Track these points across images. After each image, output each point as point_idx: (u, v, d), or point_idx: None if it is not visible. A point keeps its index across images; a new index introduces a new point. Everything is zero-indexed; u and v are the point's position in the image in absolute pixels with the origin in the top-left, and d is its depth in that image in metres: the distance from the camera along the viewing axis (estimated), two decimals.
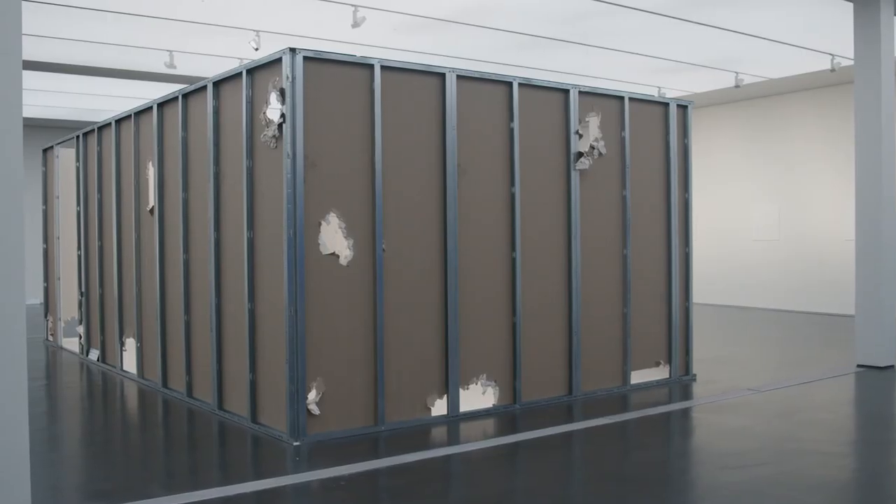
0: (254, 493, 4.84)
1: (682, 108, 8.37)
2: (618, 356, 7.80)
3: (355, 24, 9.44)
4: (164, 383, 7.95)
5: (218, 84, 6.88)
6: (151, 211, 8.21)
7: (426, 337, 6.56)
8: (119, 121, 9.03)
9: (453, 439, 6.14)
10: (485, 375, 6.90)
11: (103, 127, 9.55)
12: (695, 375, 8.40)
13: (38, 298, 15.71)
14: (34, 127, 17.57)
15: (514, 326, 7.04)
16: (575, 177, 7.45)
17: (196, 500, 4.70)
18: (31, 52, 11.35)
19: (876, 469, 5.41)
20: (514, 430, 6.37)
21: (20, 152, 3.74)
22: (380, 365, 6.26)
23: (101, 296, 9.70)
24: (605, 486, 4.98)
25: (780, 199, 15.37)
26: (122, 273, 9.05)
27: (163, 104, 7.92)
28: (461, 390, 6.73)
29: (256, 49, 10.39)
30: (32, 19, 9.67)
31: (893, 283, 8.93)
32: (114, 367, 9.31)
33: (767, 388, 7.89)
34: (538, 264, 7.23)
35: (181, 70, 12.39)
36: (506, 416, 6.79)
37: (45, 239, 11.85)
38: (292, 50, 5.87)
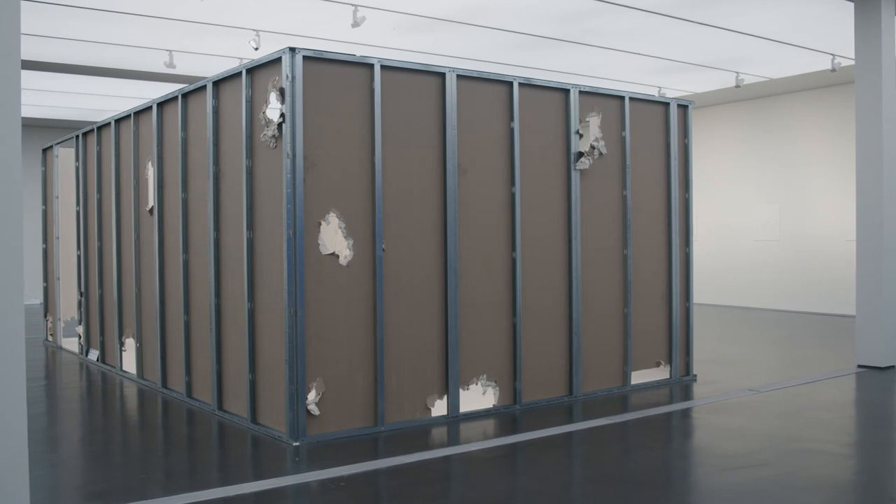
0: (253, 493, 4.82)
1: (683, 107, 8.36)
2: (618, 356, 7.79)
3: (355, 24, 9.43)
4: (164, 384, 7.93)
5: (217, 84, 6.86)
6: (151, 211, 8.20)
7: (426, 337, 6.55)
8: (118, 120, 9.02)
9: (453, 440, 6.12)
10: (485, 376, 6.88)
11: (102, 127, 9.54)
12: (695, 376, 8.39)
13: (37, 298, 15.71)
14: (33, 127, 17.57)
15: (514, 327, 7.03)
16: (575, 177, 7.43)
17: (196, 500, 4.69)
18: (30, 51, 11.34)
19: (877, 469, 5.40)
20: (514, 431, 6.36)
21: (19, 152, 3.73)
22: (380, 365, 6.24)
23: (101, 296, 9.69)
24: (605, 487, 4.97)
25: (781, 199, 15.36)
26: (122, 273, 9.04)
27: (162, 104, 7.90)
28: (461, 391, 6.72)
29: (256, 49, 10.38)
30: (32, 19, 9.66)
31: (895, 283, 8.91)
32: (113, 367, 9.30)
33: (768, 388, 7.87)
34: (538, 264, 7.21)
35: (181, 70, 12.38)
36: (506, 417, 6.78)
37: (45, 239, 11.84)
38: (292, 49, 5.86)
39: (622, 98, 7.82)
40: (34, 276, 14.21)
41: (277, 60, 5.97)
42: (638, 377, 7.98)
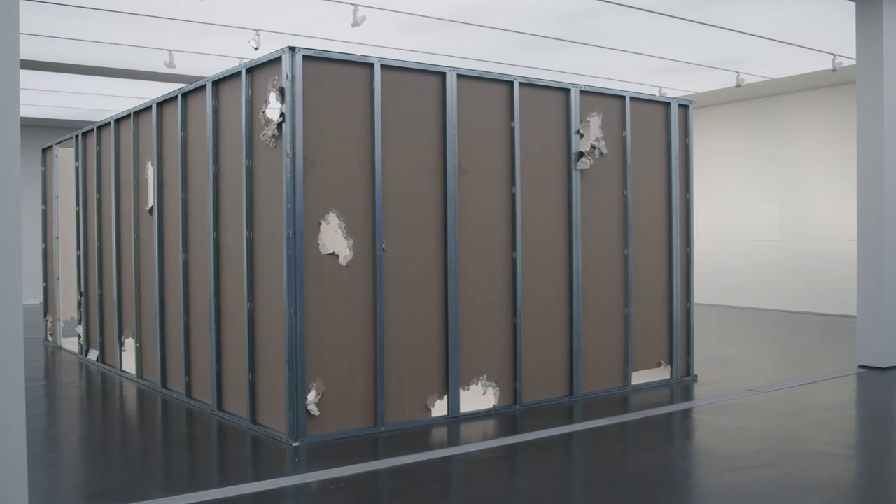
0: (253, 494, 4.81)
1: (684, 107, 8.34)
2: (619, 357, 7.77)
3: (355, 24, 9.41)
4: (164, 384, 7.92)
5: (217, 83, 6.85)
6: (150, 211, 8.19)
7: (426, 337, 6.53)
8: (118, 120, 9.01)
9: (453, 440, 6.11)
10: (485, 376, 6.87)
11: (102, 126, 9.53)
12: (696, 376, 8.38)
13: (37, 298, 15.70)
14: (33, 126, 17.56)
15: (514, 327, 7.02)
16: (576, 176, 7.42)
17: (195, 501, 4.68)
18: (29, 51, 11.32)
19: (879, 470, 5.39)
20: (514, 432, 6.35)
21: (17, 152, 3.71)
22: (379, 365, 6.23)
23: (101, 296, 9.68)
24: (606, 487, 4.95)
25: (782, 199, 15.34)
26: (122, 273, 9.02)
27: (162, 103, 7.89)
28: (461, 391, 6.70)
29: (256, 48, 10.36)
30: (32, 18, 9.65)
31: (895, 283, 8.89)
32: (113, 367, 9.28)
33: (769, 388, 7.86)
34: (539, 264, 7.20)
35: (181, 69, 12.37)
36: (506, 417, 6.77)
37: (45, 239, 11.83)
38: (292, 49, 5.85)
39: (623, 98, 7.80)
40: (34, 275, 14.19)
41: (277, 60, 5.96)
42: (638, 377, 7.96)
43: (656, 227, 8.10)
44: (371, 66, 6.22)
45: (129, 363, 8.96)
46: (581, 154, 7.42)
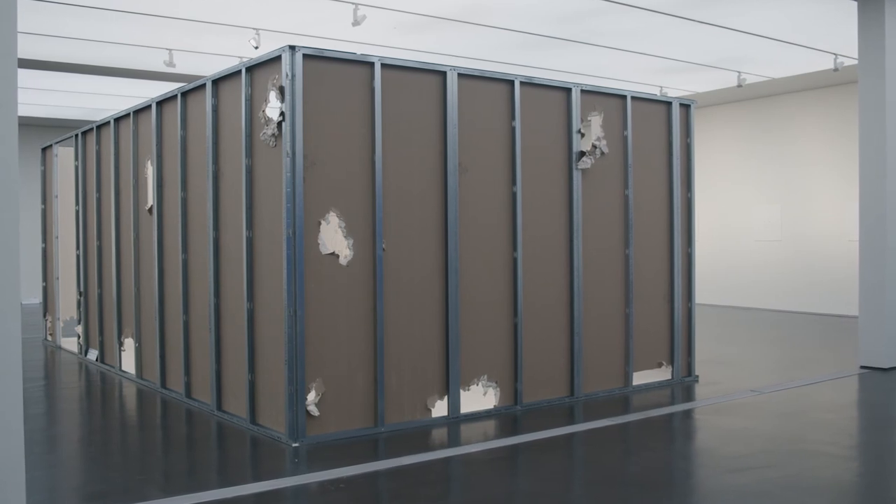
0: (252, 494, 4.79)
1: (685, 107, 8.32)
2: (620, 357, 7.75)
3: (356, 23, 9.39)
4: (163, 384, 7.90)
5: (217, 82, 6.83)
6: (150, 210, 8.17)
7: (426, 337, 6.51)
8: (118, 119, 8.99)
9: (454, 441, 6.09)
10: (486, 376, 6.85)
11: (102, 126, 9.51)
12: (697, 376, 8.36)
13: (36, 298, 15.68)
14: (33, 126, 17.54)
15: (515, 327, 7.00)
16: (577, 176, 7.40)
17: (195, 502, 4.66)
18: (29, 50, 11.30)
19: (881, 471, 5.37)
20: (515, 432, 6.33)
21: (15, 151, 3.70)
22: (380, 365, 6.21)
23: (100, 295, 9.66)
24: (607, 488, 4.93)
25: (783, 200, 15.32)
26: (121, 273, 9.01)
27: (162, 103, 7.87)
28: (462, 391, 6.68)
29: (256, 47, 10.34)
30: (31, 17, 9.62)
31: None
32: (112, 367, 9.26)
33: (770, 389, 7.84)
34: (540, 264, 7.18)
35: (180, 69, 12.35)
36: (507, 418, 6.75)
37: (44, 238, 11.82)
38: (292, 48, 5.83)
39: (624, 97, 7.78)
40: (33, 275, 14.18)
41: (277, 59, 5.94)
42: (640, 378, 7.94)
43: (657, 227, 8.08)
44: (371, 64, 6.20)
45: (128, 363, 8.95)
46: (582, 153, 7.40)
